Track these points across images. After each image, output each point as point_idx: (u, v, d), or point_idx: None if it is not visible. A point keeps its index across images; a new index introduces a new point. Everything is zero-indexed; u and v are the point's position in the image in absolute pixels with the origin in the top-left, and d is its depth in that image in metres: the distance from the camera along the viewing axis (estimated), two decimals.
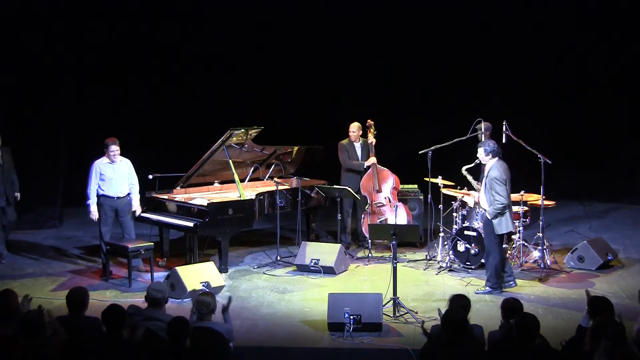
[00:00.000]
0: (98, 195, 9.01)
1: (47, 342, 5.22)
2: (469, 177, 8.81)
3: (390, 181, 10.04)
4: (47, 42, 11.86)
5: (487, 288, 8.26)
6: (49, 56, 11.94)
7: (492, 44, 12.91)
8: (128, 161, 9.23)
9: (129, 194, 9.18)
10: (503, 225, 8.13)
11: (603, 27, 12.66)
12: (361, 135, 10.23)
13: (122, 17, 12.70)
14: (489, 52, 12.95)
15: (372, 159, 10.04)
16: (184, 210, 9.08)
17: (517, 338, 5.17)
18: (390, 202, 9.94)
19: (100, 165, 9.02)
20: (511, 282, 8.37)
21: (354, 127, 10.17)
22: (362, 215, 10.09)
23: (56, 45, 12.02)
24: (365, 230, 9.95)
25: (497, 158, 8.20)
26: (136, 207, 9.26)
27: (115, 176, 9.03)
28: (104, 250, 8.97)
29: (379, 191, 9.99)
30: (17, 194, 9.62)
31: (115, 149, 8.99)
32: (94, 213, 9.02)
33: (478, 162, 8.53)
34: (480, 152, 8.28)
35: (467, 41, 12.96)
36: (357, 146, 10.20)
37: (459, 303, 5.81)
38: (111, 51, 12.84)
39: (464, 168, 8.81)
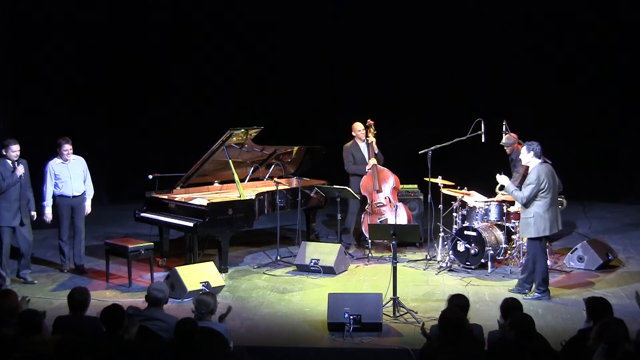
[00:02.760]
0: (54, 196, 9.03)
1: (45, 342, 5.23)
2: (504, 196, 8.92)
3: (390, 181, 10.03)
4: (47, 42, 11.88)
5: (536, 294, 8.07)
6: (49, 56, 11.96)
7: (492, 44, 12.92)
8: (82, 160, 9.21)
9: (84, 192, 9.18)
10: (530, 229, 7.98)
11: (603, 27, 12.66)
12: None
13: (122, 17, 12.70)
14: (489, 52, 12.95)
15: (372, 161, 10.02)
16: (184, 210, 9.07)
17: (512, 337, 5.18)
18: (390, 202, 9.93)
19: (54, 166, 9.01)
20: (526, 291, 8.20)
21: (360, 127, 10.12)
22: (362, 215, 10.08)
23: (57, 45, 12.04)
24: (365, 230, 9.94)
25: (540, 160, 8.04)
26: (87, 207, 9.24)
27: (70, 175, 9.04)
28: (63, 250, 9.14)
29: (379, 191, 9.98)
30: (33, 213, 8.89)
31: (68, 147, 9.00)
32: (48, 215, 9.02)
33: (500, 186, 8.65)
34: (523, 150, 8.12)
35: (468, 41, 12.97)
36: (363, 147, 10.16)
37: (457, 303, 5.81)
38: (111, 51, 12.84)
39: (497, 188, 9.09)
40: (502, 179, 8.29)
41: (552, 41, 12.95)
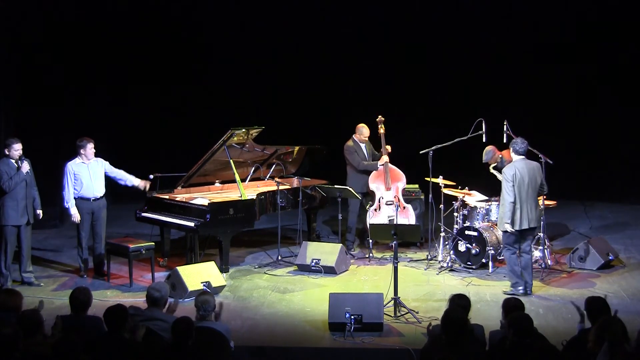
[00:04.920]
0: (74, 198, 8.90)
1: (45, 342, 5.23)
2: (500, 176, 8.88)
3: (401, 181, 9.97)
4: (48, 42, 11.89)
5: (511, 288, 8.25)
6: (50, 57, 11.96)
7: (493, 44, 12.92)
8: (102, 160, 9.06)
9: (104, 196, 9.06)
10: (502, 222, 8.21)
11: (603, 27, 12.66)
12: None
13: (122, 16, 12.71)
14: (489, 52, 12.95)
15: (385, 158, 9.99)
16: (185, 210, 9.07)
17: (511, 337, 5.18)
18: (399, 201, 9.90)
19: (74, 166, 8.85)
20: (520, 288, 8.26)
21: (366, 130, 10.08)
22: (369, 213, 9.95)
23: (57, 45, 12.04)
24: None
25: (520, 157, 8.19)
26: (138, 181, 9.16)
27: (89, 176, 8.88)
28: (81, 255, 9.00)
29: (388, 189, 9.94)
30: (39, 212, 8.79)
31: (92, 146, 8.86)
32: (76, 215, 8.88)
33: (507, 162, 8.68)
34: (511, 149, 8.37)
35: (468, 40, 12.97)
36: (363, 147, 10.14)
37: (459, 303, 5.82)
38: (111, 51, 12.84)
39: (491, 167, 9.11)
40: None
41: (552, 41, 12.94)
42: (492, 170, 9.13)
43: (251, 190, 9.61)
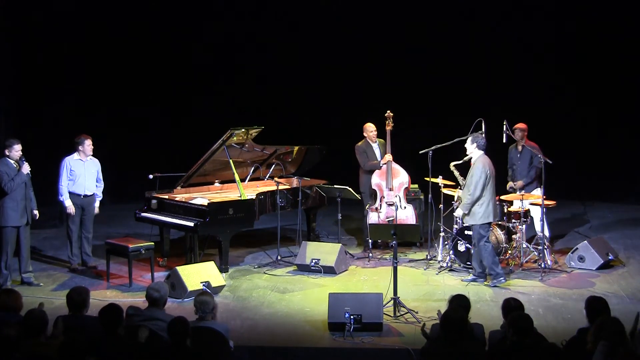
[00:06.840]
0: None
1: (46, 343, 5.23)
2: (456, 173, 8.88)
3: (403, 180, 9.96)
4: (49, 42, 11.89)
5: (494, 281, 8.56)
6: (51, 55, 11.97)
7: (492, 44, 12.92)
8: (97, 161, 9.25)
9: (94, 194, 9.23)
10: (474, 217, 8.48)
11: (603, 26, 12.67)
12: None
13: (122, 17, 12.71)
14: (489, 52, 12.95)
15: (388, 156, 9.97)
16: (185, 209, 9.07)
17: (511, 337, 5.18)
18: (400, 201, 9.88)
19: (71, 161, 9.08)
20: (501, 279, 8.54)
21: (372, 128, 10.08)
22: (369, 211, 9.95)
23: (58, 45, 12.05)
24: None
25: (482, 152, 8.44)
26: (96, 207, 9.32)
27: (84, 173, 9.09)
28: (72, 248, 9.15)
29: (391, 189, 9.93)
30: (35, 212, 8.77)
31: (90, 143, 9.08)
32: (71, 207, 9.06)
33: (467, 159, 8.65)
34: (469, 142, 8.56)
35: (468, 40, 12.97)
36: (375, 147, 10.13)
37: (459, 303, 5.81)
38: (111, 52, 12.85)
39: (452, 164, 8.93)
40: (457, 211, 8.94)
41: (552, 41, 12.94)
42: (451, 167, 9.03)
43: (251, 190, 9.61)
